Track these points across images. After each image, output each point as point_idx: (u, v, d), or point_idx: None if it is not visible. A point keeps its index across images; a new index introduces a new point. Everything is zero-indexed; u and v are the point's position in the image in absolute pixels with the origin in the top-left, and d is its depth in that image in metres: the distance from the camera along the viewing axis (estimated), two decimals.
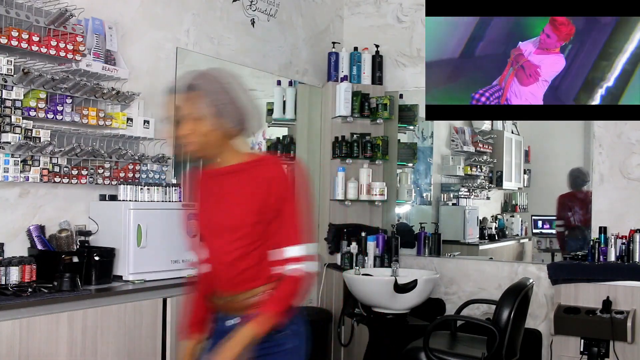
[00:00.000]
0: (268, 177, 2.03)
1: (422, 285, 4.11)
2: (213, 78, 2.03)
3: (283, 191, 2.03)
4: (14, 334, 2.49)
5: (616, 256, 4.04)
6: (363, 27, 5.24)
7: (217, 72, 2.08)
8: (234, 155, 2.08)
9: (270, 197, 2.01)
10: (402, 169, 5.21)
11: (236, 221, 2.04)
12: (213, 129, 2.01)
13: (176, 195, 3.38)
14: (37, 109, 2.93)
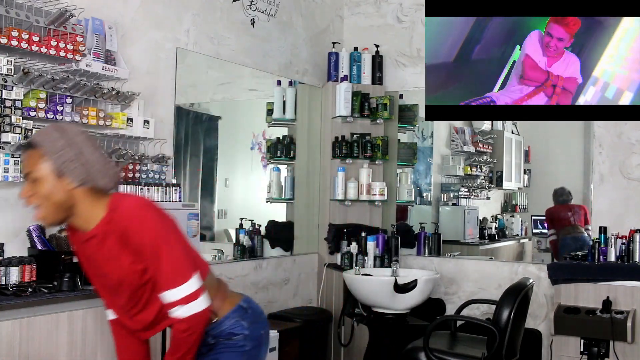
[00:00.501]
0: (123, 231, 1.85)
1: (422, 285, 4.11)
2: (56, 134, 1.84)
3: (142, 236, 1.85)
4: (14, 334, 2.48)
5: (616, 256, 4.04)
6: (363, 27, 5.24)
7: (62, 128, 1.89)
8: (90, 216, 1.89)
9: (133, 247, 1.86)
10: (402, 169, 5.21)
11: (119, 281, 1.92)
12: (55, 191, 1.83)
13: (176, 195, 3.38)
14: (37, 109, 2.93)
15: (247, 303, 2.11)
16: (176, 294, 1.86)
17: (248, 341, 2.04)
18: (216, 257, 4.29)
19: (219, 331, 2.03)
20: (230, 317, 2.04)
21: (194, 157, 4.32)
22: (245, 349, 2.04)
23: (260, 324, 2.11)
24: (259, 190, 4.80)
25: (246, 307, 2.09)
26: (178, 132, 3.90)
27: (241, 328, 2.04)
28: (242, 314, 2.06)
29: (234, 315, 2.05)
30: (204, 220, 4.19)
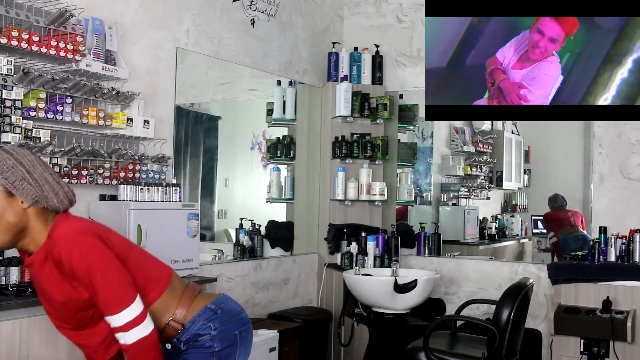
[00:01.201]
0: (57, 258, 1.85)
1: (422, 285, 4.11)
2: (4, 155, 1.84)
3: (75, 265, 1.84)
4: (14, 334, 2.48)
5: (616, 256, 4.04)
6: (363, 27, 5.24)
7: (9, 149, 1.88)
8: (39, 240, 1.89)
9: (68, 274, 1.86)
10: (402, 169, 5.21)
11: (65, 305, 1.93)
12: (7, 211, 1.82)
13: (176, 195, 3.38)
14: (37, 109, 2.93)
15: (217, 304, 2.09)
16: (118, 320, 1.86)
17: (216, 342, 2.02)
18: (216, 257, 4.29)
19: (188, 337, 2.02)
20: (196, 321, 2.03)
21: (194, 157, 4.32)
22: (214, 350, 2.01)
23: (233, 324, 2.08)
24: (259, 190, 4.80)
25: (214, 309, 2.07)
26: (178, 132, 3.90)
27: (208, 329, 2.02)
28: (210, 316, 2.05)
29: (200, 319, 2.04)
30: (204, 220, 4.19)
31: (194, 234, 3.40)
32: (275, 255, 4.62)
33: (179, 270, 3.29)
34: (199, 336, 2.01)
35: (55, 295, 1.92)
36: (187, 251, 3.35)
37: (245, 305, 4.25)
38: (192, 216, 3.40)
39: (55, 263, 1.85)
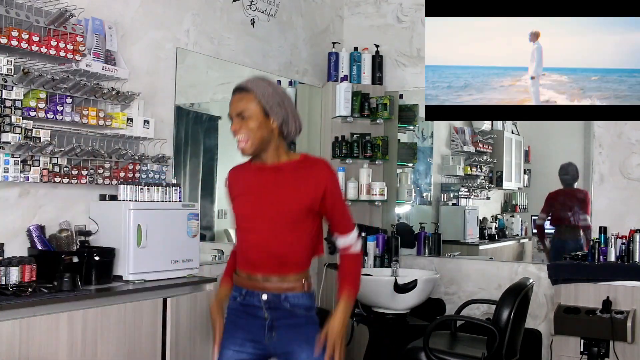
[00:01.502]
0: (322, 177, 2.26)
1: (422, 285, 4.11)
2: (264, 83, 2.27)
3: (333, 189, 2.28)
4: (14, 334, 2.48)
5: (616, 256, 4.04)
6: (363, 27, 5.24)
7: (268, 79, 2.32)
8: (281, 154, 2.30)
9: (321, 194, 2.24)
10: (402, 169, 5.21)
11: (289, 213, 2.24)
12: (260, 127, 2.23)
13: (176, 195, 3.38)
14: (37, 109, 2.93)
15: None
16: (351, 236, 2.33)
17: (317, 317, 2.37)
18: (216, 257, 4.28)
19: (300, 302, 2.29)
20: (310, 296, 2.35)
21: (194, 157, 4.31)
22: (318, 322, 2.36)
23: None
24: None
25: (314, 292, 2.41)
26: (178, 132, 3.90)
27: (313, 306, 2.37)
28: (313, 296, 2.38)
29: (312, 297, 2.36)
30: (204, 220, 4.19)
31: (194, 234, 3.40)
32: None
33: (179, 270, 3.30)
34: (310, 308, 2.32)
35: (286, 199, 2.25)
36: (187, 251, 3.35)
37: None
38: (192, 216, 3.40)
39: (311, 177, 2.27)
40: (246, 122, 2.24)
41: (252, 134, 2.23)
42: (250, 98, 2.24)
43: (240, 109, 2.26)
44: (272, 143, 2.28)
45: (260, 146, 2.26)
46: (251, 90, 2.24)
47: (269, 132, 2.25)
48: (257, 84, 2.26)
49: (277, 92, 2.26)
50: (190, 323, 3.20)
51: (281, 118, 2.25)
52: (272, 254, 2.26)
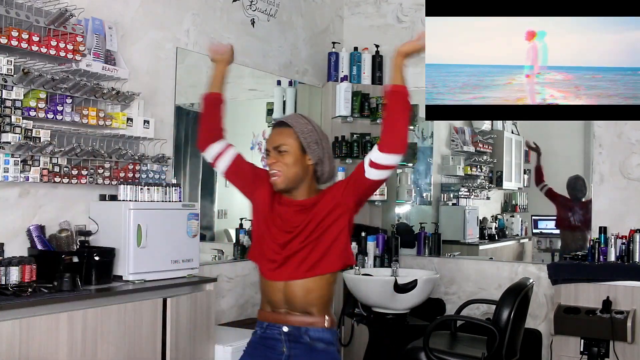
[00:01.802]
0: (333, 190, 2.28)
1: (422, 285, 4.11)
2: (304, 120, 2.30)
3: (342, 181, 2.31)
4: (14, 334, 2.48)
5: (616, 256, 4.04)
6: (363, 27, 5.24)
7: (307, 117, 2.35)
8: (311, 192, 2.30)
9: (340, 195, 2.25)
10: (402, 169, 5.21)
11: (315, 235, 2.23)
12: (296, 163, 2.25)
13: (176, 195, 3.38)
14: (37, 109, 2.93)
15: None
16: None
17: (339, 355, 2.31)
18: (216, 257, 4.29)
19: (321, 336, 2.24)
20: (332, 333, 2.28)
21: (194, 157, 4.31)
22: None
23: None
24: None
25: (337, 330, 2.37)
26: (178, 132, 3.90)
27: (336, 342, 2.30)
28: (337, 336, 2.32)
29: (335, 334, 2.30)
30: (204, 220, 4.19)
31: (194, 234, 3.40)
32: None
33: (179, 270, 3.30)
34: (331, 344, 2.26)
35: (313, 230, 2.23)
36: (187, 251, 3.35)
37: (245, 305, 4.26)
38: (192, 216, 3.39)
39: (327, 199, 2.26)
40: (283, 157, 2.26)
41: (287, 168, 2.25)
42: (289, 133, 2.27)
43: (278, 142, 2.27)
44: (304, 181, 2.29)
45: (293, 182, 2.27)
46: (291, 125, 2.27)
47: (304, 169, 2.27)
48: (297, 120, 2.30)
49: (315, 130, 2.29)
50: (190, 323, 3.20)
51: (317, 157, 2.27)
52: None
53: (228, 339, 3.44)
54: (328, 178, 2.34)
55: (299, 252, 2.24)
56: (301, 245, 2.24)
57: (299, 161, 2.25)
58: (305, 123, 2.29)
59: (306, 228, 2.24)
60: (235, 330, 3.75)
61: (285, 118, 2.33)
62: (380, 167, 2.21)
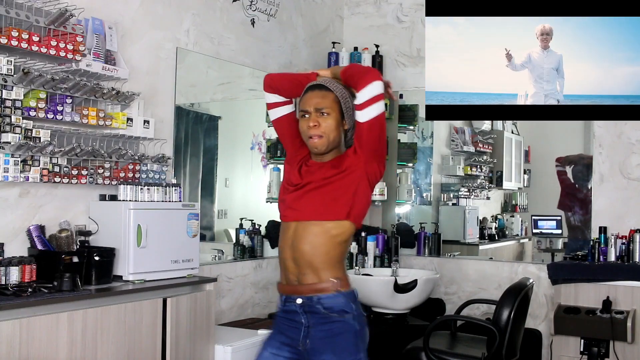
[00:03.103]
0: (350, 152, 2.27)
1: (422, 285, 4.11)
2: (342, 86, 2.31)
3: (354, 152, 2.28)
4: (14, 334, 2.48)
5: (616, 256, 4.04)
6: (363, 27, 5.24)
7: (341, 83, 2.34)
8: (338, 153, 2.32)
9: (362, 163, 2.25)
10: (402, 169, 5.21)
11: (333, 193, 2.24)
12: (337, 127, 2.27)
13: (176, 195, 3.38)
14: (37, 109, 2.93)
15: (356, 292, 2.32)
16: None
17: (357, 322, 2.24)
18: (216, 257, 4.28)
19: (333, 304, 2.22)
20: (345, 295, 2.24)
21: (194, 157, 4.31)
22: (356, 329, 2.23)
23: (361, 310, 2.31)
24: (259, 190, 4.80)
25: (356, 295, 2.30)
26: (178, 132, 3.90)
27: (351, 309, 2.23)
28: (353, 298, 2.27)
29: (348, 297, 2.25)
30: (204, 220, 4.19)
31: (194, 234, 3.40)
32: (275, 255, 4.61)
33: (179, 270, 3.30)
34: (345, 312, 2.22)
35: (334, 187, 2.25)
36: (187, 251, 3.35)
37: (245, 305, 4.26)
38: (192, 216, 3.39)
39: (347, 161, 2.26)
40: (325, 120, 2.26)
41: (328, 131, 2.26)
42: (332, 97, 2.28)
43: (321, 105, 2.27)
44: (338, 147, 2.32)
45: (332, 146, 2.29)
46: (332, 90, 2.28)
47: (340, 134, 2.30)
48: (336, 85, 2.30)
49: (350, 97, 2.30)
50: (190, 323, 3.20)
51: (352, 122, 2.29)
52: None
53: (228, 339, 3.45)
54: (350, 142, 2.35)
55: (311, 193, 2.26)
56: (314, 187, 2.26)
57: (338, 125, 2.27)
58: (342, 88, 2.30)
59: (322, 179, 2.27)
60: (235, 330, 3.75)
61: (323, 81, 2.32)
62: (367, 104, 2.20)
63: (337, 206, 2.23)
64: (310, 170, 2.33)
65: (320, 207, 2.24)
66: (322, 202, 2.24)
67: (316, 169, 2.32)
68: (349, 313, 2.21)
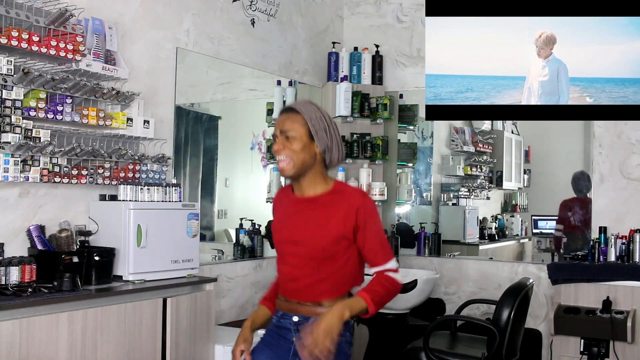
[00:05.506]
0: (352, 208, 2.20)
1: (422, 285, 4.11)
2: (313, 107, 2.28)
3: (366, 220, 2.21)
4: (14, 334, 2.48)
5: (616, 256, 4.04)
6: (363, 27, 5.24)
7: (315, 104, 2.33)
8: (318, 183, 2.28)
9: (352, 225, 2.20)
10: (402, 169, 5.21)
11: (316, 250, 2.21)
12: (304, 149, 2.21)
13: (176, 195, 3.38)
14: (37, 109, 2.93)
15: (352, 322, 2.33)
16: (391, 264, 2.25)
17: (347, 345, 2.27)
18: (216, 257, 4.29)
19: None
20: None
21: (194, 157, 4.32)
22: (346, 352, 2.26)
23: (352, 332, 2.34)
24: (259, 190, 4.80)
25: (351, 324, 2.30)
26: (178, 132, 3.90)
27: (344, 334, 2.22)
28: (348, 324, 2.25)
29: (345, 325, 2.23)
30: (204, 220, 4.19)
31: (194, 234, 3.40)
32: (275, 255, 4.61)
33: (179, 270, 3.30)
34: (340, 335, 2.19)
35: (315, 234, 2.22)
36: (187, 251, 3.35)
37: (245, 305, 4.26)
38: (192, 216, 3.40)
39: (343, 208, 2.22)
40: (290, 143, 2.21)
41: (294, 155, 2.21)
42: (297, 119, 2.23)
43: (286, 128, 2.23)
44: (312, 168, 2.26)
45: (300, 169, 2.23)
46: (299, 112, 2.24)
47: (312, 156, 2.23)
48: (306, 107, 2.27)
49: (324, 118, 2.26)
50: (190, 323, 3.20)
51: (325, 144, 2.24)
52: (300, 290, 2.26)
53: (228, 339, 3.44)
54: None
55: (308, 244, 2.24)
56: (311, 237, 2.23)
57: (306, 148, 2.22)
58: (314, 110, 2.26)
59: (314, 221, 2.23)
60: (235, 330, 3.74)
61: (294, 104, 2.30)
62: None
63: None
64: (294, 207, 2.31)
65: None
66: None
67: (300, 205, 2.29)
68: (342, 336, 2.19)
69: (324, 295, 2.23)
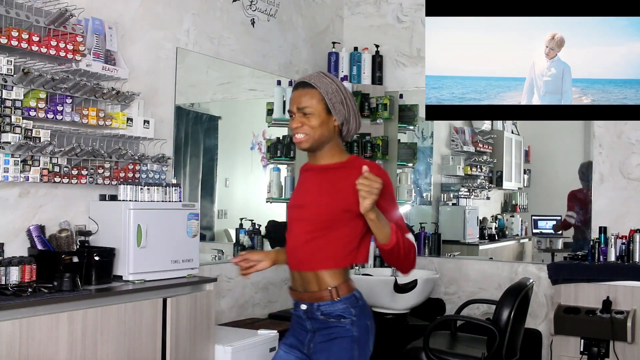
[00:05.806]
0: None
1: (422, 285, 4.11)
2: (328, 80, 2.22)
3: (382, 191, 2.07)
4: (14, 334, 2.48)
5: (616, 256, 4.04)
6: (363, 27, 5.24)
7: (332, 76, 2.27)
8: (335, 154, 2.25)
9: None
10: (402, 169, 5.21)
11: (320, 216, 2.19)
12: (322, 124, 2.19)
13: (176, 195, 3.38)
14: (37, 109, 2.93)
15: (359, 294, 2.28)
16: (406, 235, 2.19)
17: (355, 327, 2.19)
18: (216, 257, 4.29)
19: (331, 310, 2.20)
20: (344, 301, 2.21)
21: (194, 157, 4.32)
22: (352, 334, 2.18)
23: (367, 315, 2.26)
24: (259, 190, 4.80)
25: (358, 297, 2.25)
26: (178, 132, 3.90)
27: (350, 314, 2.20)
28: (353, 302, 2.22)
29: (347, 302, 2.21)
30: (204, 220, 4.19)
31: (194, 234, 3.40)
32: None
33: (179, 270, 3.30)
34: (341, 317, 2.19)
35: (329, 201, 2.19)
36: (187, 251, 3.35)
37: (245, 305, 4.26)
38: (192, 216, 3.40)
39: (351, 177, 2.09)
40: (308, 119, 2.19)
41: (312, 131, 2.19)
42: (313, 94, 2.19)
43: (303, 104, 2.20)
44: (330, 141, 2.24)
45: (318, 144, 2.22)
46: (315, 86, 2.19)
47: (329, 130, 2.21)
48: (321, 80, 2.21)
49: (340, 89, 2.22)
50: (190, 323, 3.20)
51: (342, 117, 2.21)
52: (299, 259, 2.24)
53: (228, 339, 3.45)
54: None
55: (313, 211, 2.22)
56: (318, 204, 2.21)
57: (324, 123, 2.19)
58: (329, 82, 2.21)
59: (324, 188, 2.21)
60: (235, 330, 3.75)
61: (308, 78, 2.23)
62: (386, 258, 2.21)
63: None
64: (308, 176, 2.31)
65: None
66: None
67: (313, 173, 2.28)
68: (346, 318, 2.18)
69: (323, 264, 2.19)
